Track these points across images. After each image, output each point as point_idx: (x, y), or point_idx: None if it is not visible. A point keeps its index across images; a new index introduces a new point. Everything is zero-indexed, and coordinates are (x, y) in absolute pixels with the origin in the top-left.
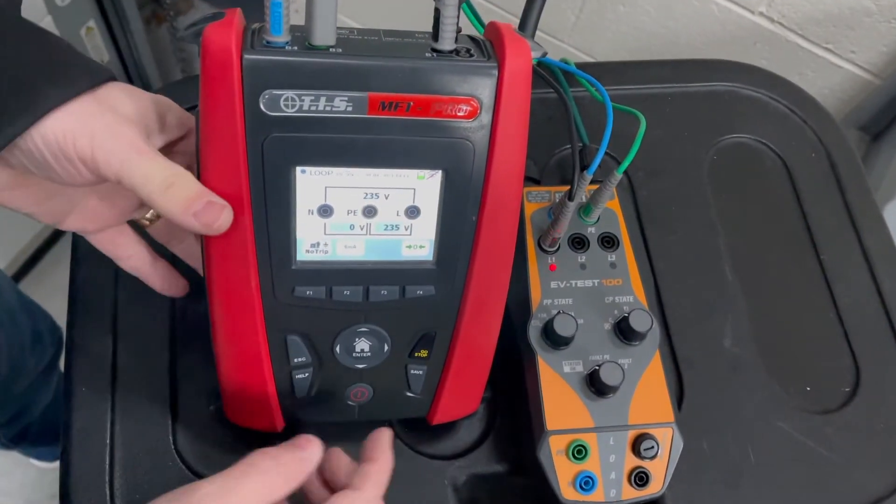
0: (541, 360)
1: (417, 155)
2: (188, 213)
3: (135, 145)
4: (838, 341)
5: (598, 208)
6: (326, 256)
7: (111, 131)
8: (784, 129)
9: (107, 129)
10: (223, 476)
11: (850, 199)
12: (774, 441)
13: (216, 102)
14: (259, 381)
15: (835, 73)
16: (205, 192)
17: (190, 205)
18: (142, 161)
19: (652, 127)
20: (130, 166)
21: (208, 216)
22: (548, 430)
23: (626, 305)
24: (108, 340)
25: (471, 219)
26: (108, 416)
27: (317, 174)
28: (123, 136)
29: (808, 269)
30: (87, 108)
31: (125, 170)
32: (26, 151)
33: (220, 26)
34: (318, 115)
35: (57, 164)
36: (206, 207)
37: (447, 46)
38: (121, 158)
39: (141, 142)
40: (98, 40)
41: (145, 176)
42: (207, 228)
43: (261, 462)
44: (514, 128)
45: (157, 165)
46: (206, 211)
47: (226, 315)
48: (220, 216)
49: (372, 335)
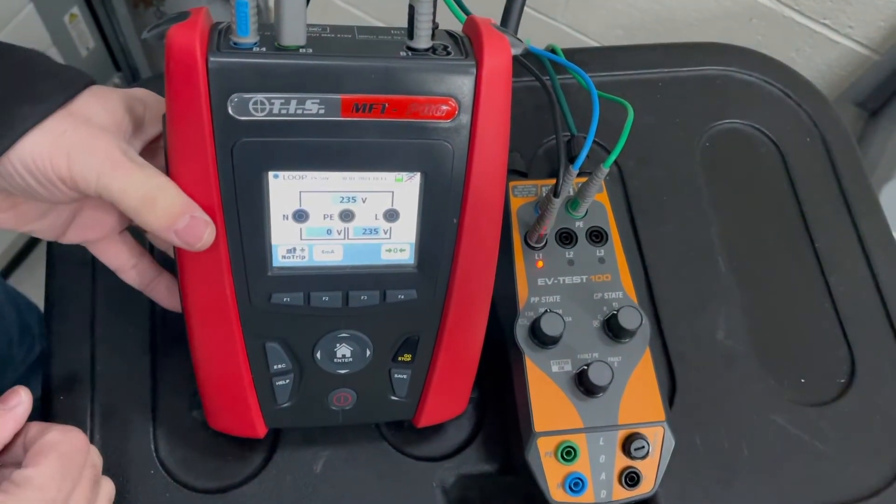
0: (528, 360)
1: (395, 157)
2: (170, 229)
3: (111, 158)
4: (834, 331)
5: (586, 202)
6: (303, 262)
7: (86, 146)
8: (778, 114)
9: (82, 144)
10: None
11: (846, 186)
12: (769, 435)
13: (182, 107)
14: (239, 388)
15: (832, 49)
16: (188, 205)
17: (173, 220)
18: (119, 175)
19: (642, 114)
20: (108, 181)
21: (190, 234)
22: (536, 432)
23: (616, 302)
24: (87, 347)
25: (452, 221)
26: (88, 425)
27: (290, 178)
28: (99, 150)
29: (802, 258)
30: (61, 124)
31: (103, 185)
32: (6, 175)
33: (184, 27)
34: (290, 118)
35: (37, 184)
36: (190, 225)
37: (423, 44)
38: (98, 173)
39: (118, 153)
40: (83, 27)
41: (123, 190)
42: (189, 246)
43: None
44: (494, 127)
45: (136, 178)
46: (189, 228)
47: (202, 324)
48: (203, 234)
49: (353, 340)
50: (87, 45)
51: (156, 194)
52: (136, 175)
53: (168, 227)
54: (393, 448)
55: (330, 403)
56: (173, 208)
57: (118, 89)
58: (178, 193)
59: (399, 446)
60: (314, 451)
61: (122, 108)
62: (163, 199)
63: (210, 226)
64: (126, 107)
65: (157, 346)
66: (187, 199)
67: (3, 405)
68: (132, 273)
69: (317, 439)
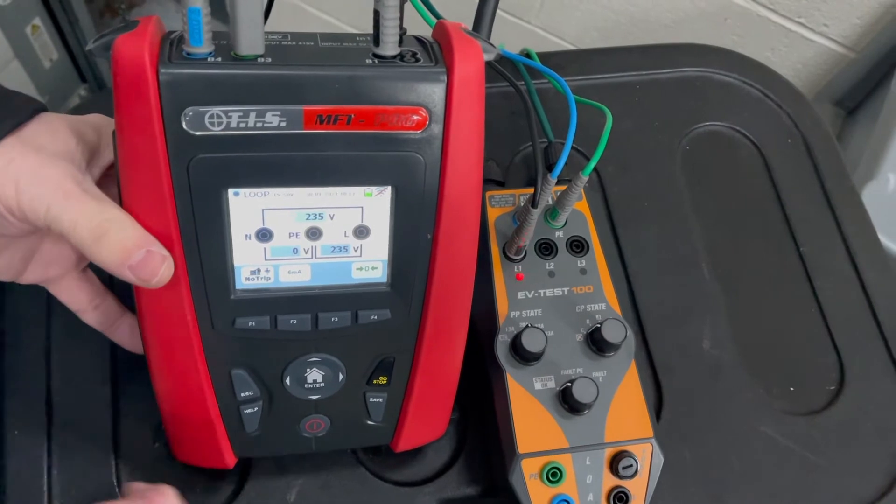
0: (510, 378)
1: (363, 171)
2: (123, 265)
3: (62, 188)
4: (821, 337)
5: (566, 211)
6: (269, 284)
7: (36, 175)
8: (758, 115)
9: (31, 173)
10: None
11: (829, 187)
12: (758, 446)
13: (132, 123)
14: (204, 418)
15: (808, 48)
16: (143, 239)
17: (126, 255)
18: (68, 206)
19: (621, 117)
20: (58, 212)
21: (145, 270)
22: (520, 454)
23: (599, 314)
24: (42, 377)
25: (426, 236)
26: (45, 461)
27: (252, 196)
28: (49, 180)
29: (788, 262)
30: (10, 152)
31: (52, 216)
32: None
33: (132, 37)
34: (249, 132)
35: None
36: (144, 260)
37: (390, 51)
38: (47, 204)
39: (70, 183)
40: (45, 38)
41: (74, 222)
42: (145, 283)
43: None
44: (467, 137)
45: (87, 210)
46: (144, 264)
47: (162, 352)
48: (160, 270)
49: (324, 364)
50: (51, 57)
51: (108, 227)
52: (88, 206)
53: (121, 262)
54: (370, 474)
55: (302, 430)
56: (126, 242)
57: (70, 116)
58: (133, 226)
59: (377, 472)
60: (287, 479)
61: (73, 136)
62: (115, 232)
63: (167, 260)
64: (78, 134)
65: (118, 375)
66: (142, 233)
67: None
68: (94, 314)
69: (289, 467)
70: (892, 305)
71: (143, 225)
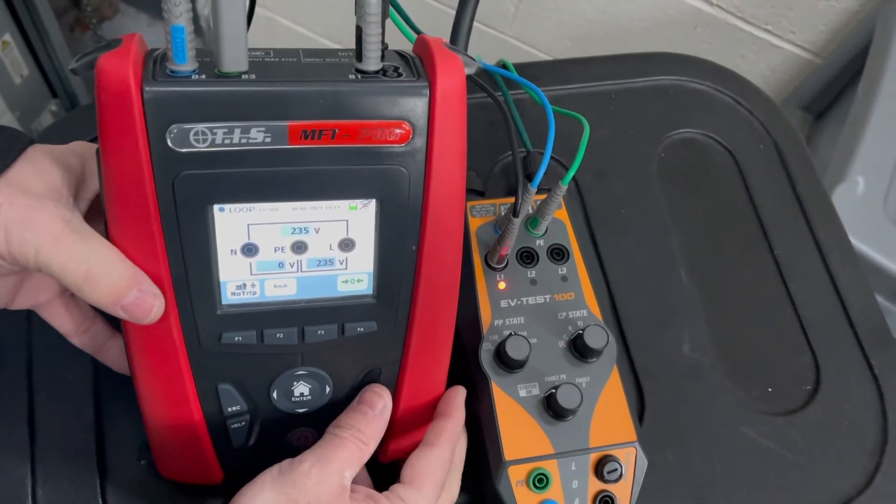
0: (495, 386)
1: (348, 184)
2: (116, 305)
3: (51, 232)
4: (797, 339)
5: (546, 220)
6: (255, 298)
7: (24, 220)
8: (731, 122)
9: (19, 218)
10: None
11: (801, 191)
12: (739, 447)
13: (117, 141)
14: (191, 434)
15: (776, 54)
16: (134, 279)
17: (118, 297)
18: (57, 250)
19: (597, 126)
20: (46, 257)
21: (138, 309)
22: (506, 461)
23: (581, 321)
24: (24, 395)
25: (411, 248)
26: (29, 481)
27: (237, 211)
28: (37, 224)
29: (763, 265)
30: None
31: (41, 260)
32: None
33: (116, 56)
34: (234, 148)
35: None
36: (136, 301)
37: (372, 66)
38: (36, 249)
39: (59, 225)
40: (16, 54)
41: (63, 266)
42: (138, 321)
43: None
44: (450, 149)
45: (76, 252)
46: (136, 305)
47: (148, 368)
48: (152, 309)
49: (311, 377)
50: (21, 73)
51: (98, 269)
52: (77, 248)
53: (114, 303)
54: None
55: (290, 443)
56: (118, 284)
57: (53, 148)
58: (123, 266)
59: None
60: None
61: (59, 171)
62: (106, 274)
63: (159, 298)
64: (64, 167)
65: (101, 391)
66: (133, 272)
67: (371, 409)
68: (83, 337)
69: None
70: (864, 305)
71: (130, 242)
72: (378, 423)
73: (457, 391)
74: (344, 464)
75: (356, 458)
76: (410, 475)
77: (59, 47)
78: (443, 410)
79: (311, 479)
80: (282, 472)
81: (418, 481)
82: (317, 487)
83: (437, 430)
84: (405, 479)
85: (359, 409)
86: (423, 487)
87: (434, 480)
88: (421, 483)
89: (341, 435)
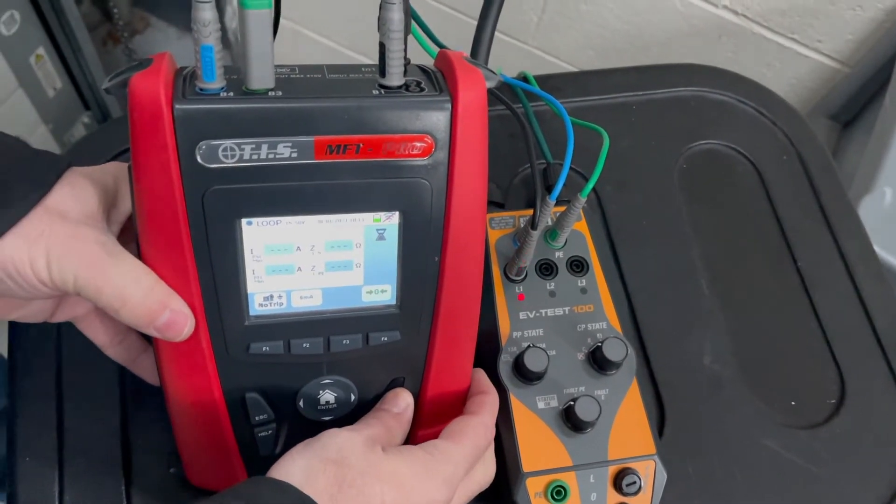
0: (513, 397)
1: (371, 198)
2: (150, 326)
3: (88, 258)
4: (821, 351)
5: (565, 232)
6: (281, 309)
7: (65, 247)
8: (753, 132)
9: (60, 245)
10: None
11: (825, 203)
12: (761, 460)
13: (149, 158)
14: (219, 441)
15: (802, 64)
16: (166, 299)
17: (151, 318)
18: (95, 274)
19: (618, 137)
20: (85, 282)
21: (171, 330)
22: (524, 473)
23: (600, 333)
24: (53, 403)
25: (433, 259)
26: (56, 486)
27: (264, 225)
28: (76, 250)
29: (786, 277)
30: (38, 225)
31: (80, 286)
32: None
33: (147, 75)
34: (261, 163)
35: (16, 286)
36: (169, 321)
37: (395, 82)
38: (75, 275)
39: (96, 249)
40: (49, 67)
41: (99, 290)
42: (171, 339)
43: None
44: (472, 162)
45: (111, 276)
46: (169, 325)
47: (178, 377)
48: (183, 330)
49: (337, 386)
50: (55, 86)
51: (132, 292)
52: (111, 273)
53: (147, 324)
54: None
55: None
56: (152, 305)
57: (90, 170)
58: (156, 288)
59: None
60: None
61: (95, 193)
62: (140, 297)
63: (190, 318)
64: (100, 189)
65: (128, 399)
66: (165, 292)
67: (393, 409)
68: (118, 349)
69: None
70: (890, 318)
71: (160, 256)
72: (401, 420)
73: (480, 372)
74: (370, 435)
75: (382, 436)
76: (450, 432)
77: (92, 61)
78: (479, 388)
79: (339, 438)
80: (307, 444)
81: (457, 437)
82: (347, 443)
83: (477, 402)
84: (444, 434)
85: (381, 408)
86: (461, 443)
87: (473, 442)
88: (460, 439)
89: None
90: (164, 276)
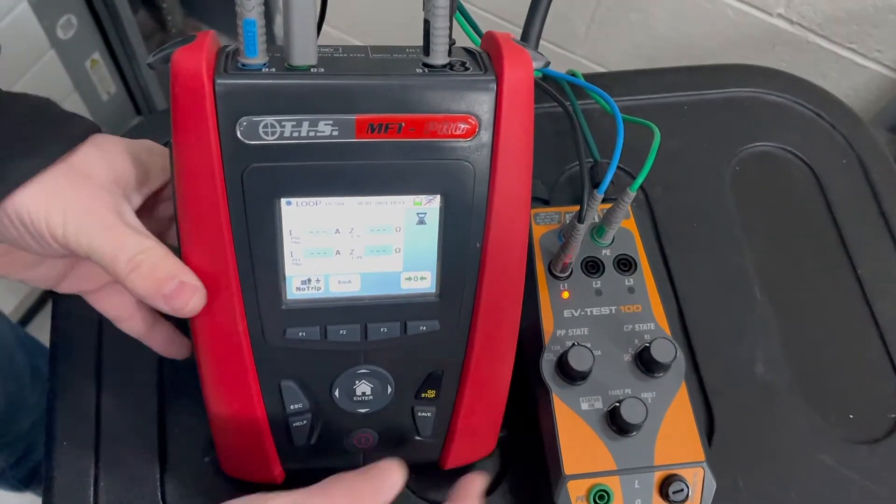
0: (556, 398)
1: (413, 179)
2: (157, 295)
3: (105, 221)
4: (881, 363)
5: (613, 229)
6: (319, 294)
7: (83, 208)
8: (810, 135)
9: (79, 203)
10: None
11: (887, 209)
12: (816, 476)
13: (189, 133)
14: (253, 430)
15: (860, 74)
16: (176, 269)
17: (158, 286)
18: (109, 239)
19: (668, 138)
20: (100, 244)
21: (177, 301)
22: (566, 475)
23: (647, 334)
24: (92, 390)
25: (475, 245)
26: (92, 472)
27: (304, 205)
28: (94, 213)
29: (844, 285)
30: (60, 180)
31: (94, 248)
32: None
33: (190, 50)
34: (302, 141)
35: (30, 238)
36: (176, 291)
37: (440, 61)
38: (89, 237)
39: (112, 216)
40: (104, 72)
41: (112, 255)
42: (177, 312)
43: (335, 488)
44: (517, 145)
45: (125, 243)
46: (176, 295)
47: (213, 362)
48: (191, 300)
49: (373, 377)
50: (109, 90)
51: (142, 259)
52: (125, 240)
53: (154, 293)
54: (413, 493)
55: (351, 444)
56: (159, 273)
57: (123, 139)
58: (166, 258)
59: (420, 492)
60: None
61: (125, 161)
62: (149, 264)
63: (199, 292)
64: (131, 158)
65: (165, 388)
66: (175, 264)
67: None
68: (130, 322)
69: None
70: None
71: (198, 235)
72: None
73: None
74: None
75: None
76: None
77: (145, 67)
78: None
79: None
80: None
81: None
82: None
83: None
84: None
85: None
86: None
87: None
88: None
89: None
90: (201, 255)
